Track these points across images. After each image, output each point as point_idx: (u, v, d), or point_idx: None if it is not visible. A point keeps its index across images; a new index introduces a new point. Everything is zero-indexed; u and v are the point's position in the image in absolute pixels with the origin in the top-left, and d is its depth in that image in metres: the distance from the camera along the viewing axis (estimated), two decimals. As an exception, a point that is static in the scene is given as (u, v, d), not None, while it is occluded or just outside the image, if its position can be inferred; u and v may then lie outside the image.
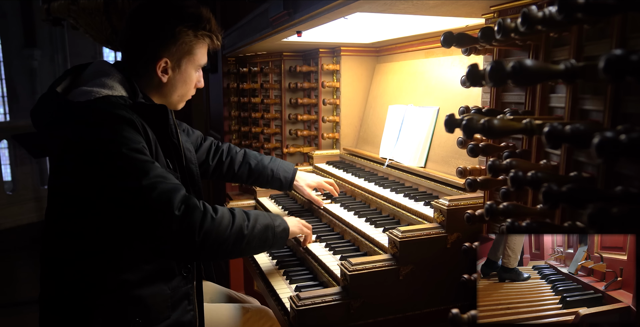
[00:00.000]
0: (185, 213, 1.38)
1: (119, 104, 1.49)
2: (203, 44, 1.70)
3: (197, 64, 1.71)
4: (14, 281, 5.81)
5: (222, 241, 1.46)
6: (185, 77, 1.70)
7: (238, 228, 1.50)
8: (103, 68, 1.62)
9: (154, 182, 1.39)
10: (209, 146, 2.25)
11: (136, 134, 1.45)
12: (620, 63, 0.62)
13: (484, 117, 0.90)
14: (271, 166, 2.28)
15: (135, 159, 1.40)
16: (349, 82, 2.75)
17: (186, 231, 1.39)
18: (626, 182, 0.87)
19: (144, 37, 1.63)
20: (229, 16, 3.39)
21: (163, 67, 1.63)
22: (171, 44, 1.62)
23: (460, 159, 1.85)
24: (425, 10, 1.45)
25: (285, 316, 1.58)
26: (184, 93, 1.74)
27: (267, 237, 1.62)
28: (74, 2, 4.02)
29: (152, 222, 1.39)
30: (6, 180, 9.38)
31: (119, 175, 1.40)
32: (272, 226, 1.64)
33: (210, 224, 1.43)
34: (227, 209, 1.55)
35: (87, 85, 1.54)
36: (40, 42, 13.82)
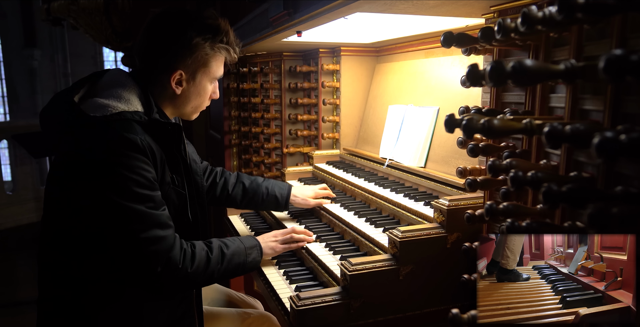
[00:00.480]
0: (165, 270, 1.48)
1: (134, 122, 1.49)
2: (220, 57, 1.68)
3: (212, 76, 1.69)
4: (14, 281, 5.81)
5: (194, 284, 1.64)
6: (199, 90, 1.68)
7: (209, 274, 1.60)
8: (120, 78, 1.60)
9: (150, 235, 1.44)
10: (205, 167, 2.22)
11: (145, 164, 1.45)
12: (620, 63, 0.62)
13: (484, 117, 0.90)
14: (265, 184, 2.25)
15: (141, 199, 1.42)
16: (349, 82, 2.75)
17: (163, 282, 1.51)
18: (626, 182, 0.87)
19: (160, 48, 1.61)
20: (229, 16, 3.38)
21: (177, 79, 1.62)
22: (187, 56, 1.60)
23: (460, 159, 1.85)
24: (425, 10, 1.45)
25: (285, 316, 1.58)
26: (198, 105, 1.73)
27: (236, 273, 1.75)
28: (74, 2, 4.02)
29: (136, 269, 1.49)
30: (6, 180, 9.38)
31: (122, 216, 1.42)
32: (242, 264, 1.73)
33: (184, 276, 1.53)
34: (205, 251, 1.60)
35: (103, 96, 1.52)
36: (40, 42, 13.83)
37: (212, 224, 4.40)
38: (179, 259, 1.50)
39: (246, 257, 1.73)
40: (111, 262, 1.49)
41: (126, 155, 1.41)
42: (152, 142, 1.51)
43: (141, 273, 1.48)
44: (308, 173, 2.77)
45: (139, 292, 1.54)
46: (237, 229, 2.49)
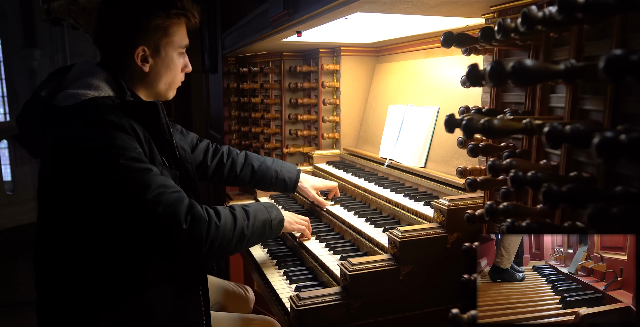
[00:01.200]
0: (192, 225, 1.40)
1: (107, 105, 1.45)
2: (179, 24, 1.60)
3: (177, 46, 1.62)
4: (14, 281, 5.81)
5: (226, 245, 1.50)
6: (167, 63, 1.61)
7: (240, 230, 1.53)
8: (87, 68, 1.56)
9: (157, 194, 1.37)
10: (206, 147, 2.19)
11: (129, 140, 1.41)
12: (620, 63, 0.62)
13: (484, 117, 0.90)
14: (275, 167, 2.22)
15: (134, 170, 1.37)
16: (349, 82, 2.75)
17: (194, 242, 1.41)
18: (626, 182, 0.87)
19: (114, 28, 1.55)
20: (229, 16, 3.39)
21: (142, 55, 1.56)
22: (144, 29, 1.54)
23: (460, 159, 1.85)
24: (425, 10, 1.45)
25: (285, 316, 1.58)
26: (171, 80, 1.66)
27: (265, 232, 1.67)
28: (74, 2, 4.02)
29: (160, 236, 1.40)
30: (6, 180, 9.38)
31: (121, 190, 1.36)
32: (269, 220, 1.67)
33: (215, 232, 1.44)
34: (228, 211, 1.55)
35: (72, 87, 1.49)
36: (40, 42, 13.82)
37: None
38: (203, 213, 1.44)
39: (269, 214, 1.68)
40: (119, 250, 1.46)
41: (106, 135, 1.37)
42: (133, 122, 1.46)
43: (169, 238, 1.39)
44: (308, 173, 2.76)
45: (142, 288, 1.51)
46: None
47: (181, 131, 2.11)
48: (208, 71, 3.98)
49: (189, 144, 2.11)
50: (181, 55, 1.66)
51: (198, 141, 2.19)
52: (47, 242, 1.52)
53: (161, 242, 1.41)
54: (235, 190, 3.40)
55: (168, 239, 1.39)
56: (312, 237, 2.01)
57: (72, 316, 1.51)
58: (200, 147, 2.17)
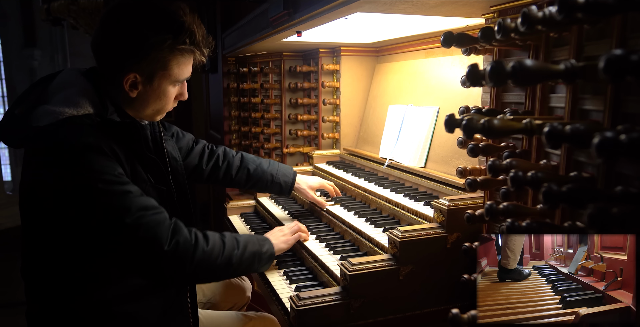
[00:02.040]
0: (176, 248, 1.39)
1: (84, 126, 1.38)
2: (183, 59, 1.49)
3: (174, 79, 1.51)
4: (14, 281, 5.80)
5: (211, 270, 1.49)
6: (158, 94, 1.51)
7: (227, 257, 1.51)
8: (71, 79, 1.47)
9: (137, 217, 1.34)
10: (202, 150, 2.14)
11: (107, 161, 1.36)
12: (620, 63, 0.62)
13: (484, 117, 0.90)
14: (270, 170, 2.20)
15: (113, 193, 1.33)
16: (349, 82, 2.75)
17: (177, 264, 1.40)
18: (626, 182, 0.87)
19: (113, 47, 1.44)
20: (229, 16, 3.39)
21: (131, 81, 1.45)
22: (141, 58, 1.42)
23: (460, 159, 1.85)
24: (425, 10, 1.45)
25: (285, 316, 1.58)
26: (159, 108, 1.56)
27: (253, 264, 1.63)
28: (74, 2, 4.02)
29: (142, 259, 1.39)
30: (6, 180, 9.38)
31: (100, 214, 1.33)
32: (259, 253, 1.64)
33: (200, 256, 1.43)
34: (218, 237, 1.53)
35: (52, 102, 1.40)
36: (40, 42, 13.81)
37: (212, 224, 4.41)
38: (189, 236, 1.42)
39: (260, 247, 1.65)
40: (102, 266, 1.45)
41: (82, 158, 1.33)
42: (112, 142, 1.40)
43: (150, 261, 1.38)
44: (308, 173, 2.76)
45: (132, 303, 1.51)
46: (237, 229, 2.49)
47: (176, 135, 2.05)
48: (208, 71, 3.98)
49: (185, 147, 2.08)
50: (177, 85, 1.56)
51: (194, 144, 2.13)
52: (31, 252, 1.51)
53: (144, 265, 1.41)
54: (236, 190, 3.40)
55: (150, 262, 1.40)
56: (311, 235, 2.01)
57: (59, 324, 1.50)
58: (195, 150, 2.12)
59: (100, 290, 1.48)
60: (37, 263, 1.51)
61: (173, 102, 1.60)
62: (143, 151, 1.51)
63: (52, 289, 1.49)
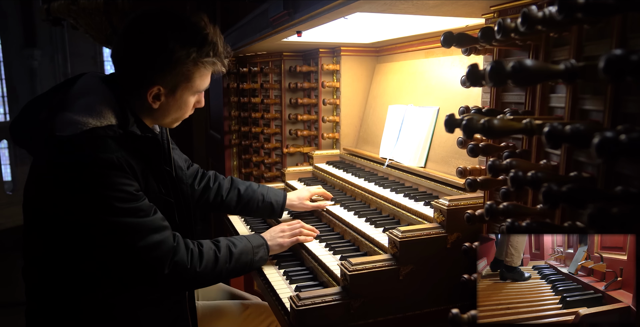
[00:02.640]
0: (173, 270, 1.48)
1: (107, 138, 1.39)
2: (205, 71, 1.53)
3: (195, 90, 1.55)
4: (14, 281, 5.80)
5: (202, 283, 1.64)
6: (180, 104, 1.55)
7: (218, 272, 1.60)
8: (93, 86, 1.48)
9: (148, 242, 1.42)
10: (196, 171, 2.13)
11: (125, 179, 1.39)
12: (620, 63, 0.62)
13: (484, 117, 0.90)
14: (261, 191, 2.17)
15: (127, 213, 1.38)
16: (349, 82, 2.75)
17: (172, 284, 1.52)
18: (626, 182, 0.87)
19: (138, 58, 1.45)
20: (229, 16, 3.39)
21: (155, 93, 1.48)
22: (167, 71, 1.44)
23: (460, 159, 1.85)
24: (425, 10, 1.45)
25: (285, 315, 1.58)
26: (179, 117, 1.61)
27: (243, 271, 1.74)
28: (74, 2, 4.03)
29: (142, 277, 1.49)
30: (6, 180, 9.39)
31: (115, 231, 1.39)
32: (250, 263, 1.72)
33: (193, 276, 1.53)
34: (213, 253, 1.59)
35: (74, 109, 1.40)
36: (40, 42, 13.82)
37: (212, 225, 4.41)
38: (187, 259, 1.50)
39: (254, 256, 1.72)
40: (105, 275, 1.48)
41: (103, 174, 1.35)
42: (129, 156, 1.43)
43: (149, 279, 1.49)
44: (308, 173, 2.77)
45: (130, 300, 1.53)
46: (237, 229, 2.48)
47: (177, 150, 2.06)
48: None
49: None
50: (195, 96, 1.59)
51: (190, 165, 2.12)
52: (33, 254, 1.52)
53: (142, 280, 1.51)
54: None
55: (149, 280, 1.50)
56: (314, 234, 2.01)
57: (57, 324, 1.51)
58: (191, 170, 2.11)
59: (101, 293, 1.49)
60: (39, 266, 1.52)
61: (189, 112, 1.63)
62: (160, 164, 1.55)
63: (52, 291, 1.50)
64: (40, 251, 1.50)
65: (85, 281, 1.48)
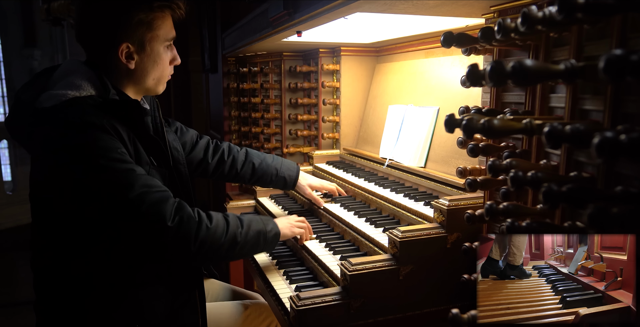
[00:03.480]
0: (180, 224, 1.39)
1: (87, 105, 1.42)
2: (163, 17, 1.54)
3: (163, 39, 1.56)
4: (14, 281, 5.81)
5: (216, 248, 1.48)
6: (154, 58, 1.56)
7: (232, 236, 1.52)
8: (71, 66, 1.53)
9: (140, 194, 1.36)
10: (206, 144, 2.17)
11: (110, 140, 1.39)
12: (620, 63, 0.62)
13: (484, 117, 0.90)
14: (275, 165, 2.24)
15: (116, 170, 1.36)
16: (349, 82, 2.75)
17: (181, 241, 1.40)
18: (626, 182, 0.87)
19: (96, 26, 1.50)
20: (229, 16, 3.38)
21: (126, 52, 1.51)
22: (126, 26, 1.48)
23: (460, 159, 1.85)
24: (425, 10, 1.45)
25: (285, 315, 1.58)
26: (159, 75, 1.61)
27: (259, 243, 1.64)
28: (74, 2, 4.02)
29: (146, 235, 1.39)
30: (6, 180, 9.38)
31: (103, 189, 1.35)
32: (264, 232, 1.65)
33: (205, 233, 1.44)
34: (221, 216, 1.53)
35: (55, 87, 1.46)
36: (40, 42, 13.81)
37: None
38: (193, 214, 1.43)
39: (265, 226, 1.66)
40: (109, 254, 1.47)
41: (86, 136, 1.36)
42: (115, 122, 1.44)
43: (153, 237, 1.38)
44: (308, 173, 2.76)
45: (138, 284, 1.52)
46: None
47: (180, 129, 2.09)
48: (208, 71, 3.98)
49: (189, 142, 2.11)
50: (168, 48, 1.61)
51: (198, 138, 2.17)
52: (41, 243, 1.53)
53: (148, 241, 1.41)
54: (235, 190, 3.40)
55: (154, 238, 1.39)
56: (312, 236, 2.01)
57: (68, 315, 1.52)
58: (200, 144, 2.15)
59: (107, 277, 1.49)
60: (46, 252, 1.52)
61: (170, 68, 1.65)
62: (145, 131, 1.54)
63: (60, 278, 1.51)
64: (46, 237, 1.51)
65: (90, 261, 1.47)
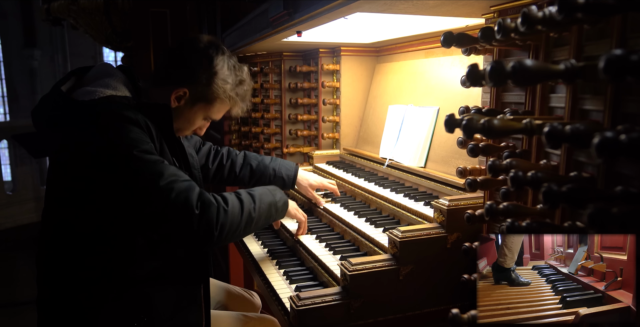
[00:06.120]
0: (203, 210, 1.42)
1: (123, 103, 1.50)
2: (227, 104, 1.70)
3: (207, 115, 1.71)
4: (14, 281, 5.81)
5: (235, 228, 1.52)
6: (189, 117, 1.69)
7: (248, 213, 1.56)
8: (107, 69, 1.62)
9: (170, 182, 1.40)
10: (208, 150, 2.23)
11: (142, 134, 1.46)
12: (620, 63, 0.62)
13: (484, 117, 0.90)
14: (273, 166, 2.25)
15: (147, 160, 1.40)
16: (349, 82, 2.75)
17: (206, 227, 1.43)
18: (626, 182, 0.87)
19: (187, 61, 1.63)
20: (229, 16, 3.39)
21: (180, 95, 1.63)
22: (203, 85, 1.62)
23: (460, 159, 1.85)
24: (425, 10, 1.45)
25: (285, 316, 1.58)
26: (181, 128, 1.71)
27: (271, 213, 1.69)
28: (74, 2, 4.02)
29: (174, 222, 1.42)
30: (6, 180, 9.38)
31: (134, 178, 1.40)
32: (274, 202, 1.70)
33: (224, 217, 1.47)
34: (234, 196, 1.57)
35: (91, 85, 1.54)
36: (40, 42, 13.82)
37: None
38: (212, 199, 1.47)
39: (274, 197, 1.71)
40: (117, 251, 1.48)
41: (123, 127, 1.42)
42: (148, 121, 1.50)
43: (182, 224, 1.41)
44: (308, 173, 2.77)
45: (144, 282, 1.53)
46: None
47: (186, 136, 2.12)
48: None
49: (193, 147, 2.15)
50: (205, 120, 1.74)
51: (201, 145, 2.23)
52: (50, 235, 1.54)
53: (176, 228, 1.43)
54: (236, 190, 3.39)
55: (182, 225, 1.41)
56: (310, 235, 2.01)
57: (72, 311, 1.52)
58: (203, 150, 2.21)
59: (115, 272, 1.50)
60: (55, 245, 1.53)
61: (190, 131, 1.76)
62: (172, 135, 1.62)
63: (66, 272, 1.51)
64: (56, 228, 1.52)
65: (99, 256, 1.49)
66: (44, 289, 1.57)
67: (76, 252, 1.50)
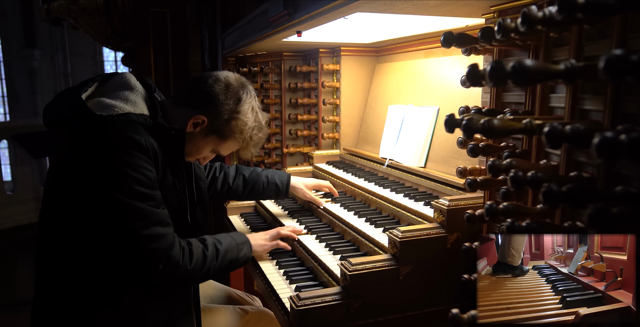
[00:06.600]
0: (166, 267, 1.47)
1: (138, 123, 1.49)
2: (238, 143, 1.73)
3: (216, 149, 1.74)
4: (14, 281, 5.81)
5: (190, 281, 1.64)
6: (199, 145, 1.70)
7: (206, 270, 1.61)
8: (128, 81, 1.61)
9: (151, 232, 1.43)
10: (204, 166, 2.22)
11: (146, 161, 1.46)
12: (620, 63, 0.62)
13: (484, 117, 0.90)
14: (265, 173, 2.29)
15: (141, 197, 1.42)
16: (349, 82, 2.75)
17: (163, 280, 1.51)
18: (626, 182, 0.87)
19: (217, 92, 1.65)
20: (229, 16, 3.38)
21: (197, 122, 1.64)
22: (225, 119, 1.65)
23: (460, 159, 1.85)
24: (425, 10, 1.45)
25: (285, 316, 1.58)
26: (187, 152, 1.71)
27: (228, 270, 1.75)
28: (74, 2, 4.02)
29: (136, 267, 1.48)
30: (6, 180, 9.37)
31: (123, 213, 1.41)
32: (235, 260, 1.74)
33: (183, 274, 1.53)
34: (201, 251, 1.60)
35: (111, 97, 1.53)
36: (40, 42, 13.82)
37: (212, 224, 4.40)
38: (179, 256, 1.51)
39: (238, 253, 1.75)
40: (110, 261, 1.48)
41: (129, 154, 1.42)
42: (155, 144, 1.51)
43: (142, 271, 1.47)
44: (308, 173, 2.76)
45: (138, 292, 1.54)
46: (237, 228, 2.49)
47: None
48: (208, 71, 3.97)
49: None
50: (212, 152, 1.77)
51: None
52: (48, 237, 1.55)
53: (134, 273, 1.49)
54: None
55: (142, 274, 1.48)
56: (310, 235, 2.01)
57: (66, 313, 1.52)
58: None
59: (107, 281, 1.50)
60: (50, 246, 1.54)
61: (194, 158, 1.77)
62: (181, 159, 1.63)
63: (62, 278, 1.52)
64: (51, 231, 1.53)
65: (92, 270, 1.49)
66: (39, 290, 1.57)
67: (71, 253, 1.50)
